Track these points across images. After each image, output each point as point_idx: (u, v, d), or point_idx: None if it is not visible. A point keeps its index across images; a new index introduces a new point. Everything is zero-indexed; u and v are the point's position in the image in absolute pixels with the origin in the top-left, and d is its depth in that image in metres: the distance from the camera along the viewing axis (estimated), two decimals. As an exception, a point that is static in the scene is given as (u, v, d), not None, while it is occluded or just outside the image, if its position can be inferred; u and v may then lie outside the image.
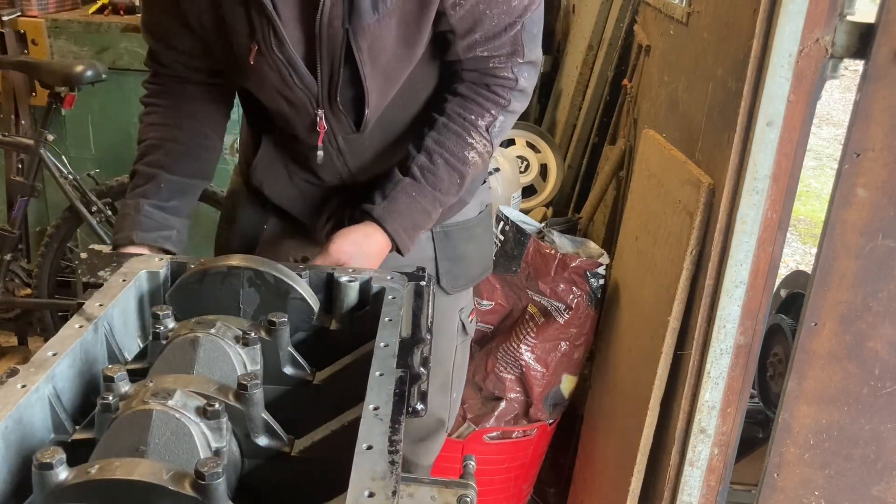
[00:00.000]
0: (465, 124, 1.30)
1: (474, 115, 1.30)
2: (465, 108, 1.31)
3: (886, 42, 1.28)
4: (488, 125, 1.31)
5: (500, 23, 1.24)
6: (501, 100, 1.31)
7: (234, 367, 0.89)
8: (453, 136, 1.30)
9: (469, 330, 1.61)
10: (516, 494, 2.33)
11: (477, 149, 1.31)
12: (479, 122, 1.30)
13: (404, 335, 0.97)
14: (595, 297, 2.11)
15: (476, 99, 1.31)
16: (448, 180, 1.30)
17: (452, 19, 1.22)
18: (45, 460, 0.68)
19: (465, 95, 1.31)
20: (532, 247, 2.20)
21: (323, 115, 1.28)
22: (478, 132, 1.30)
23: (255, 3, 1.15)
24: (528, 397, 2.16)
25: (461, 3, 1.21)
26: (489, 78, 1.31)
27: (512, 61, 1.29)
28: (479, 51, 1.27)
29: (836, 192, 1.36)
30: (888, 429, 1.48)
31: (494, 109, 1.31)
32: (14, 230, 2.87)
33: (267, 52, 1.19)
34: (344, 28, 1.17)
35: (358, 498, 0.67)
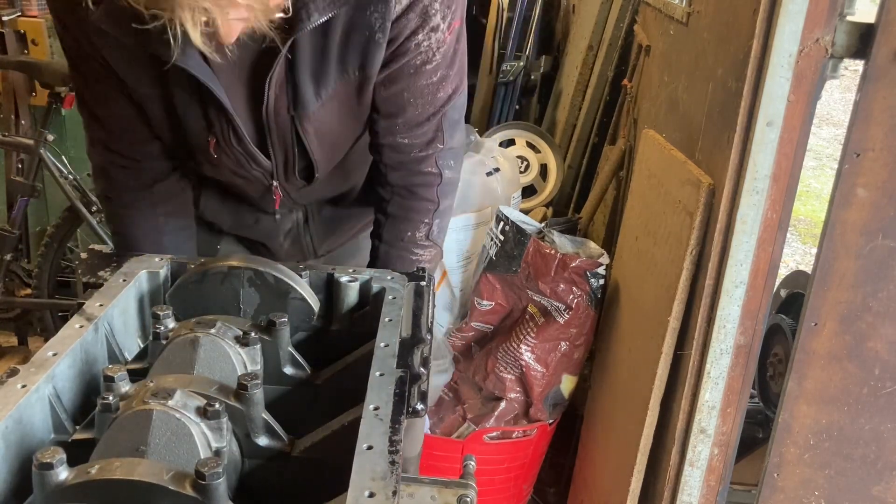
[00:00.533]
0: (404, 244, 1.34)
1: (410, 231, 1.33)
2: (399, 230, 1.34)
3: (886, 42, 1.28)
4: (427, 233, 1.34)
5: (423, 112, 1.26)
6: (430, 204, 1.33)
7: (235, 367, 0.89)
8: (398, 261, 1.34)
9: None
10: (516, 494, 2.33)
11: (424, 259, 1.35)
12: (416, 235, 1.33)
13: (404, 335, 0.97)
14: (595, 297, 2.11)
15: (407, 215, 1.33)
16: None
17: (377, 100, 1.24)
18: (46, 460, 0.68)
19: (396, 215, 1.34)
20: (532, 247, 2.20)
21: (277, 185, 1.32)
22: (419, 245, 1.34)
23: (214, 103, 1.16)
24: (528, 397, 2.16)
25: (387, 84, 1.22)
26: (413, 177, 1.31)
27: (433, 148, 1.30)
28: (399, 137, 1.28)
29: (836, 192, 1.36)
30: (888, 429, 1.48)
31: (427, 217, 1.33)
32: (14, 230, 2.87)
33: (225, 145, 1.22)
34: (290, 115, 1.20)
35: (358, 498, 0.67)
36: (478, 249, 2.48)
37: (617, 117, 2.86)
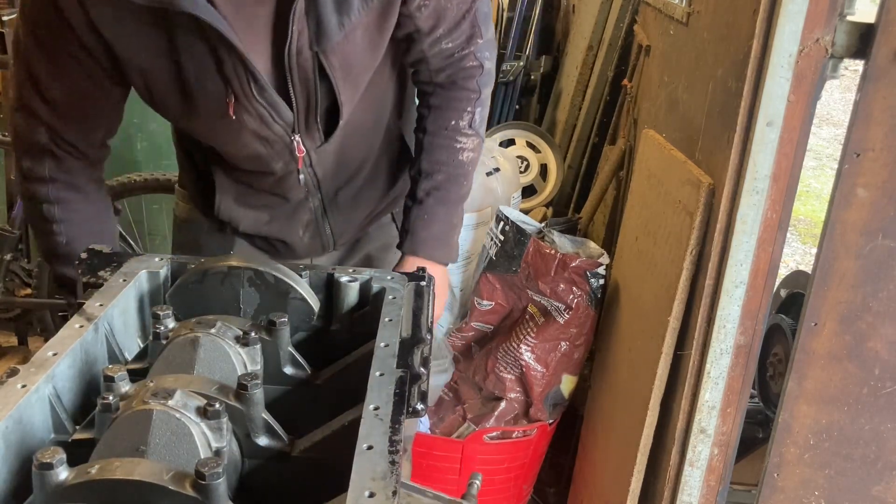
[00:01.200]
0: (448, 133, 1.37)
1: (453, 120, 1.37)
2: (443, 118, 1.37)
3: (886, 42, 1.28)
4: (470, 122, 1.38)
5: (459, 11, 1.30)
6: (472, 93, 1.37)
7: (235, 367, 0.89)
8: (443, 150, 1.37)
9: None
10: (516, 494, 2.33)
11: (468, 148, 1.38)
12: (460, 124, 1.37)
13: (404, 335, 0.97)
14: (595, 297, 2.11)
15: (450, 104, 1.37)
16: (455, 188, 1.40)
17: (418, 20, 1.26)
18: (46, 460, 0.68)
19: (439, 106, 1.38)
20: (532, 247, 2.19)
21: (299, 139, 1.29)
22: (462, 134, 1.37)
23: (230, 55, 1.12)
24: (528, 397, 2.16)
25: (426, 3, 1.24)
26: (456, 73, 1.35)
27: (473, 45, 1.34)
28: (443, 44, 1.31)
29: (836, 192, 1.36)
30: (888, 429, 1.48)
31: (469, 105, 1.38)
32: (14, 230, 2.87)
33: (246, 100, 1.18)
34: (313, 52, 1.17)
35: (358, 498, 0.67)
36: (478, 249, 2.48)
37: (617, 117, 2.86)
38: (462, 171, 1.40)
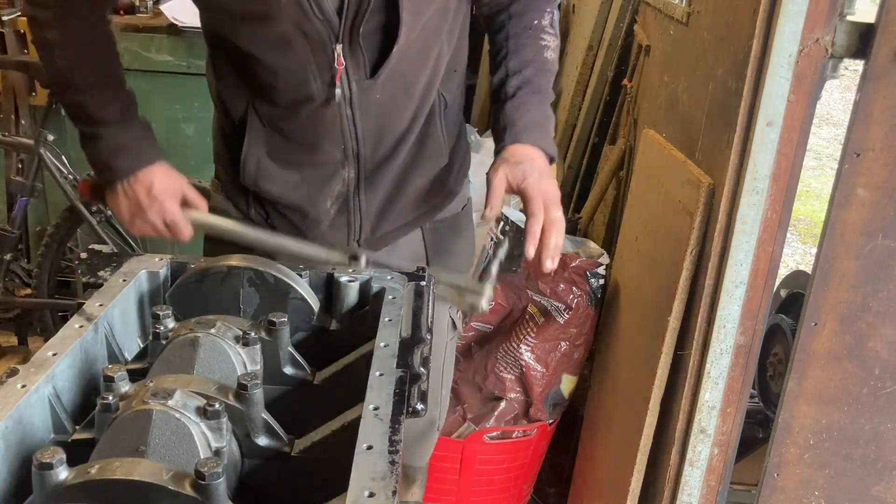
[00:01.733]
0: (532, 32, 1.36)
1: (536, 19, 1.37)
2: (526, 18, 1.37)
3: (886, 42, 1.28)
4: (551, 22, 1.38)
5: None
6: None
7: (234, 367, 0.89)
8: (529, 49, 1.36)
9: (458, 326, 1.63)
10: (516, 494, 2.33)
11: (551, 46, 1.38)
12: (542, 23, 1.37)
13: (404, 335, 0.97)
14: (595, 297, 2.11)
15: (531, 4, 1.38)
16: (545, 83, 1.37)
17: None
18: (45, 460, 0.68)
19: (520, 10, 1.38)
20: (532, 247, 2.19)
21: (341, 52, 1.21)
22: (545, 32, 1.37)
23: None
24: (528, 397, 2.16)
25: None
26: None
27: None
28: None
29: (836, 192, 1.36)
30: (888, 429, 1.48)
31: (549, 6, 1.39)
32: (14, 230, 2.87)
33: None
34: None
35: (358, 498, 0.67)
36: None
37: (617, 117, 2.86)
38: (548, 67, 1.38)
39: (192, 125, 2.92)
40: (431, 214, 1.49)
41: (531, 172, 1.27)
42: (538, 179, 1.26)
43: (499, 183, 1.27)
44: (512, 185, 1.27)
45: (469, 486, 2.25)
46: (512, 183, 1.27)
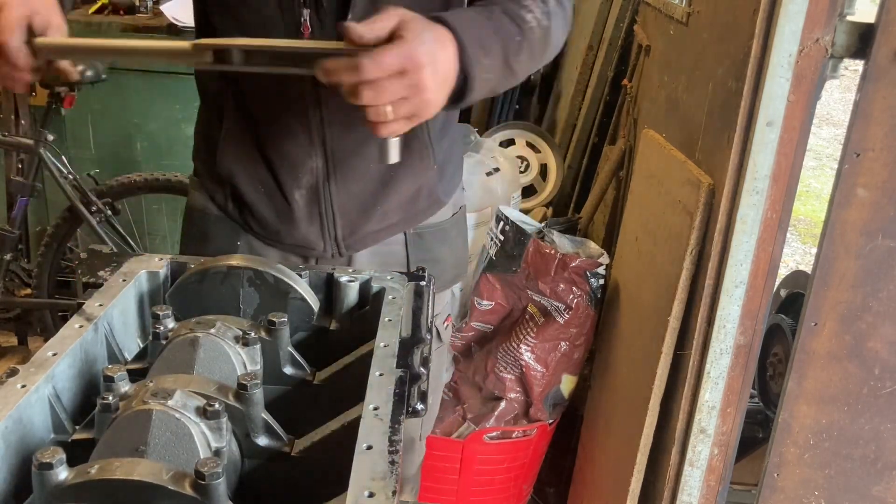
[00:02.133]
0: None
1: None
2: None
3: (886, 42, 1.28)
4: None
5: None
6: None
7: (234, 367, 0.89)
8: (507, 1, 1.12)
9: (443, 337, 1.54)
10: (516, 494, 2.33)
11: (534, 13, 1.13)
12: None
13: (404, 335, 0.97)
14: (595, 297, 2.11)
15: None
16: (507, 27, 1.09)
17: None
18: (45, 460, 0.68)
19: None
20: (532, 247, 2.19)
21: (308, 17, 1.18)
22: None
23: None
24: (528, 397, 2.16)
25: None
26: None
27: None
28: None
29: (836, 192, 1.36)
30: (888, 429, 1.48)
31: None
32: (14, 230, 2.87)
33: None
34: None
35: (358, 498, 0.67)
36: (478, 249, 2.48)
37: (617, 117, 2.86)
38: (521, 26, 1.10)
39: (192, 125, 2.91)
40: (416, 220, 1.41)
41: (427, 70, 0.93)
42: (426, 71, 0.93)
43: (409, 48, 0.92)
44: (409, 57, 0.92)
45: (469, 486, 2.25)
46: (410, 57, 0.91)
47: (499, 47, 1.07)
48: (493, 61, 1.06)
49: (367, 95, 0.90)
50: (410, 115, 0.94)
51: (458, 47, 0.99)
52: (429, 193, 1.40)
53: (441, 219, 1.46)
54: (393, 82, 0.89)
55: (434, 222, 1.44)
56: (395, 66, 0.89)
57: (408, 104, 0.92)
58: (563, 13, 1.19)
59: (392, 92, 0.90)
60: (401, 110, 0.92)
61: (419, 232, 1.43)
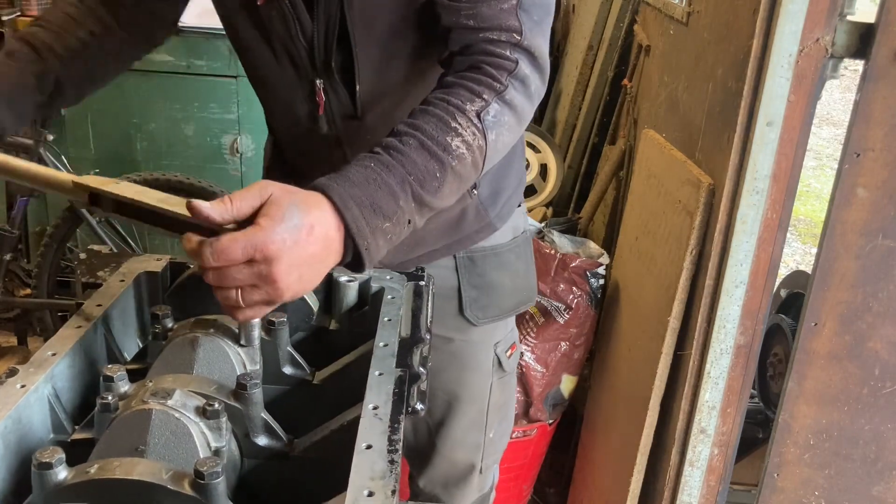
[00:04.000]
0: (448, 108, 1.04)
1: (461, 99, 1.05)
2: (450, 94, 1.06)
3: (886, 42, 1.28)
4: (479, 111, 1.05)
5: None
6: (495, 83, 1.07)
7: (234, 367, 0.89)
8: (432, 119, 1.03)
9: (507, 367, 1.47)
10: (516, 495, 2.33)
11: (464, 136, 1.03)
12: (466, 105, 1.05)
13: (404, 335, 0.97)
14: (595, 297, 2.11)
15: (463, 83, 1.07)
16: (422, 165, 0.99)
17: None
18: (45, 460, 0.68)
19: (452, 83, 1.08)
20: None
21: (321, 86, 1.20)
22: (465, 116, 1.04)
23: None
24: (528, 397, 2.16)
25: None
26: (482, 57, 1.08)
27: (508, 37, 1.08)
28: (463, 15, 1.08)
29: (836, 192, 1.36)
30: (888, 429, 1.48)
31: (487, 94, 1.06)
32: (14, 230, 2.87)
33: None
34: None
35: (357, 497, 0.67)
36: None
37: (617, 117, 2.86)
38: (443, 157, 1.00)
39: (192, 125, 2.92)
40: (464, 244, 1.34)
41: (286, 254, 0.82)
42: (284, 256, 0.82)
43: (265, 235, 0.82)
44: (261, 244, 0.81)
45: (469, 487, 2.25)
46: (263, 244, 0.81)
47: (408, 199, 0.97)
48: (399, 220, 0.96)
49: (211, 279, 0.82)
50: (264, 301, 0.84)
51: (342, 221, 0.89)
52: (476, 217, 1.34)
53: (495, 242, 1.39)
54: (239, 270, 0.81)
55: (487, 246, 1.38)
56: (237, 257, 0.80)
57: (259, 292, 0.83)
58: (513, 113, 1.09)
59: (238, 280, 0.81)
60: (251, 297, 0.82)
61: (471, 256, 1.37)
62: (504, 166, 1.34)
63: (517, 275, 1.44)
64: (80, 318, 0.93)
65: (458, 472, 1.50)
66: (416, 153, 0.99)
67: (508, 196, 1.38)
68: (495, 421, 1.50)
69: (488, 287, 1.38)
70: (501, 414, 1.52)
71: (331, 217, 0.88)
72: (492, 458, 1.54)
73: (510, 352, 1.47)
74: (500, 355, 1.44)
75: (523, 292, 1.45)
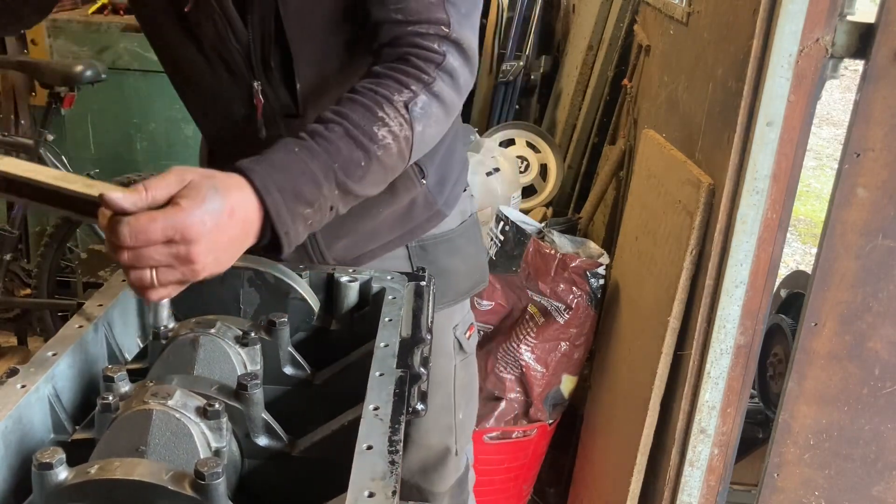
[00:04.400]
0: (375, 97, 1.05)
1: (389, 90, 1.06)
2: (378, 84, 1.07)
3: (886, 42, 1.28)
4: (407, 101, 1.06)
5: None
6: (423, 75, 1.08)
7: (234, 367, 0.89)
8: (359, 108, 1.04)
9: (467, 347, 1.51)
10: (516, 494, 2.33)
11: (390, 126, 1.04)
12: (394, 96, 1.06)
13: (404, 335, 0.97)
14: (595, 297, 2.11)
15: (392, 75, 1.08)
16: (347, 153, 1.00)
17: None
18: (45, 460, 0.68)
19: (380, 73, 1.08)
20: (532, 247, 2.19)
21: (259, 87, 1.19)
22: (392, 107, 1.05)
23: None
24: (528, 397, 2.16)
25: None
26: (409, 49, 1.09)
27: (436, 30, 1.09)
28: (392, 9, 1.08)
29: (836, 192, 1.36)
30: (888, 429, 1.48)
31: (415, 85, 1.07)
32: (14, 230, 2.87)
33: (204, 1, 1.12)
34: None
35: (357, 498, 0.66)
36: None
37: (617, 117, 2.86)
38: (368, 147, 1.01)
39: (192, 125, 2.90)
40: (415, 233, 1.37)
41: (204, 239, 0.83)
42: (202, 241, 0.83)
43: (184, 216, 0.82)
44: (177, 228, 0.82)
45: (469, 486, 2.25)
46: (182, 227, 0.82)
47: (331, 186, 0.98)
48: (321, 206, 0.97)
49: (124, 259, 0.81)
50: (178, 281, 0.84)
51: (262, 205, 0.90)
52: (425, 205, 1.36)
53: (445, 229, 1.41)
54: (157, 251, 0.81)
55: (437, 233, 1.40)
56: (157, 237, 0.80)
57: (173, 272, 0.83)
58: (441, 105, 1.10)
59: (154, 260, 0.81)
60: (166, 277, 0.82)
61: (422, 244, 1.39)
62: (448, 153, 1.37)
63: (469, 258, 1.47)
64: (81, 318, 0.93)
65: (434, 457, 1.53)
66: (341, 141, 1.00)
67: (454, 182, 1.40)
68: (463, 402, 1.53)
69: (442, 273, 1.39)
70: (468, 395, 1.55)
71: (251, 201, 0.89)
72: (464, 438, 1.58)
73: (469, 333, 1.50)
74: (460, 337, 1.48)
75: (475, 274, 1.49)
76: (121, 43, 2.86)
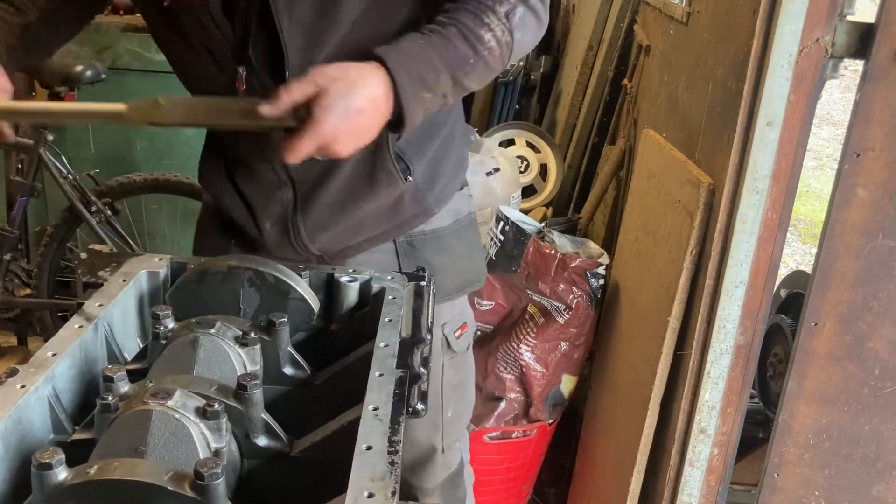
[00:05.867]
0: (480, 6, 1.15)
1: (492, 1, 1.16)
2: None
3: (886, 42, 1.28)
4: (508, 11, 1.16)
5: None
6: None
7: (234, 367, 0.89)
8: (468, 14, 1.15)
9: (456, 347, 1.50)
10: (516, 494, 2.33)
11: (494, 32, 1.15)
12: (496, 6, 1.16)
13: (404, 335, 0.97)
14: (595, 297, 2.11)
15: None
16: (460, 50, 1.13)
17: None
18: (45, 460, 0.68)
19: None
20: (532, 247, 2.19)
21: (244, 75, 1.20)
22: (495, 15, 1.15)
23: None
24: (528, 397, 2.16)
25: None
26: None
27: None
28: None
29: (836, 192, 1.36)
30: (888, 429, 1.48)
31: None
32: (14, 230, 2.87)
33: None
34: None
35: (357, 498, 0.67)
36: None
37: (617, 117, 2.86)
38: (477, 46, 1.13)
39: (192, 125, 2.92)
40: (402, 229, 1.38)
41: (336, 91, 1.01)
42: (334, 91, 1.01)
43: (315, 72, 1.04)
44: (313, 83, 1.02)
45: (469, 486, 2.25)
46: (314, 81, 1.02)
47: (447, 75, 1.13)
48: (436, 91, 1.13)
49: (290, 161, 1.03)
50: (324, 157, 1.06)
51: (393, 86, 1.06)
52: (413, 202, 1.36)
53: (435, 226, 1.41)
54: (309, 155, 1.03)
55: (426, 230, 1.40)
56: (309, 151, 1.02)
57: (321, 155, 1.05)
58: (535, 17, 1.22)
59: (308, 156, 1.04)
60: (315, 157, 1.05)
61: (410, 240, 1.39)
62: (442, 153, 1.38)
63: (460, 257, 1.47)
64: (81, 318, 0.93)
65: (420, 454, 1.53)
66: (456, 39, 1.14)
67: (447, 181, 1.41)
68: (451, 401, 1.53)
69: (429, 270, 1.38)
70: (458, 394, 1.55)
71: (384, 82, 1.06)
72: (452, 437, 1.57)
73: (459, 332, 1.50)
74: (448, 336, 1.47)
75: (467, 274, 1.49)
76: (121, 43, 2.86)
